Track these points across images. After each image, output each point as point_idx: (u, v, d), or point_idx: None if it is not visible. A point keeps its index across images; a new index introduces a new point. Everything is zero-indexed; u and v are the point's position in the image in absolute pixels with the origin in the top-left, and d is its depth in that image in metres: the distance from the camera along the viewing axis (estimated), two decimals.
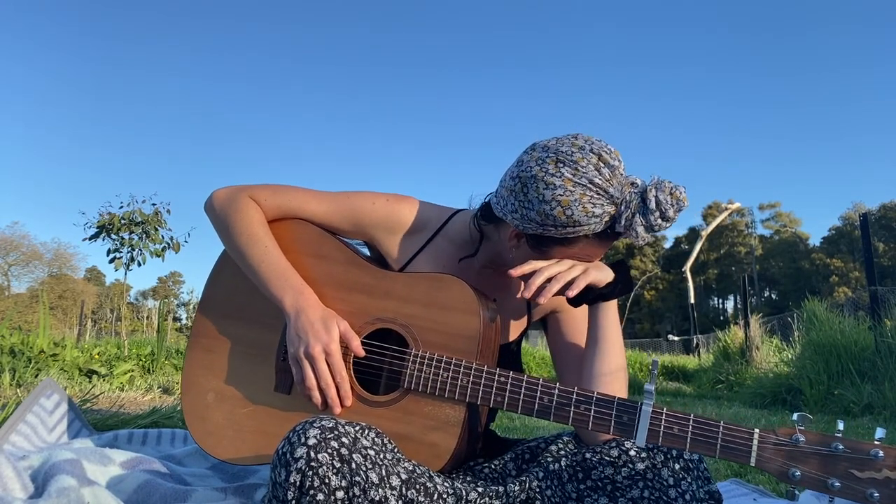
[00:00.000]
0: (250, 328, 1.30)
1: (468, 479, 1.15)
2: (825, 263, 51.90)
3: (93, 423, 1.93)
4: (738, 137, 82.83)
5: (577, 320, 1.30)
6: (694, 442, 0.98)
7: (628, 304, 27.19)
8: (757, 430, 0.96)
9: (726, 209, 20.99)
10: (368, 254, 1.36)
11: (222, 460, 1.23)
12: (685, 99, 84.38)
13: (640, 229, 1.04)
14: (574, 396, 1.05)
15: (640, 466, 1.01)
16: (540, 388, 1.08)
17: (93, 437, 1.62)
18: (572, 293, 1.07)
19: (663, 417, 0.99)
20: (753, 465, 0.95)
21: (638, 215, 1.04)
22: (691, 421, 0.99)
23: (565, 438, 1.15)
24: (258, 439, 1.21)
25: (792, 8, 77.18)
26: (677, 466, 1.01)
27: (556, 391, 1.07)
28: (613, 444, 1.05)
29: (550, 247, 1.11)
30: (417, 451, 1.09)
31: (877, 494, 0.89)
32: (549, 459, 1.09)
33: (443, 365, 1.13)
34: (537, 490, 1.05)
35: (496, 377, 1.10)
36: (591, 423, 1.04)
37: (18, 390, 3.35)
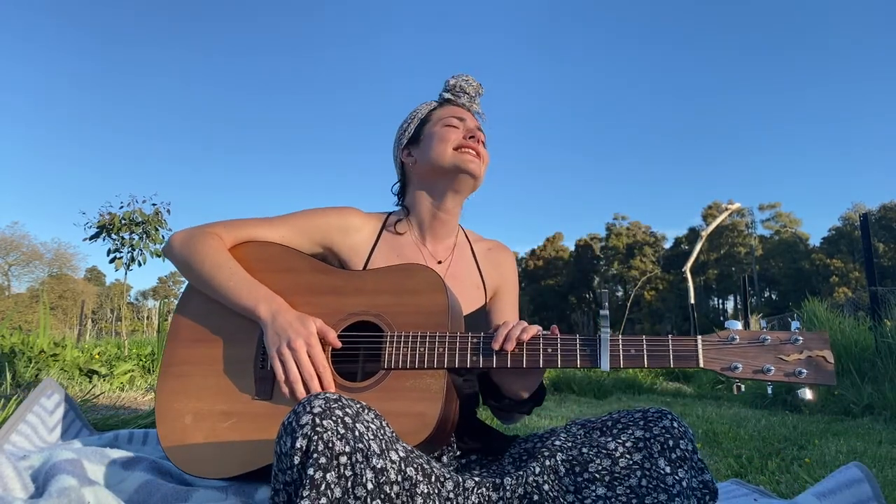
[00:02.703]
0: (222, 348, 1.32)
1: (464, 474, 1.16)
2: (825, 264, 51.88)
3: (93, 423, 1.93)
4: (737, 137, 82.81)
5: (505, 302, 1.51)
6: (651, 358, 1.11)
7: (628, 305, 27.17)
8: (699, 337, 1.11)
9: (726, 209, 20.99)
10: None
11: (210, 478, 1.24)
12: (685, 98, 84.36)
13: (447, 94, 1.49)
14: (541, 341, 1.16)
15: (637, 457, 1.04)
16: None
17: (93, 436, 1.62)
18: (525, 336, 1.19)
19: (620, 342, 1.13)
20: (702, 365, 1.09)
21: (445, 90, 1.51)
22: (644, 341, 1.12)
23: (563, 436, 1.15)
24: (243, 448, 1.22)
25: (792, 8, 77.15)
26: (674, 456, 1.04)
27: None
28: (610, 437, 1.08)
29: (421, 135, 1.44)
30: (406, 423, 1.13)
31: (804, 371, 1.06)
32: (546, 454, 1.10)
33: (418, 339, 1.19)
34: (534, 484, 1.05)
35: (469, 339, 1.18)
36: (559, 361, 1.15)
37: (18, 390, 3.35)
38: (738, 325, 1.11)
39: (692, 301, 19.51)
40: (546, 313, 57.81)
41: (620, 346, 1.11)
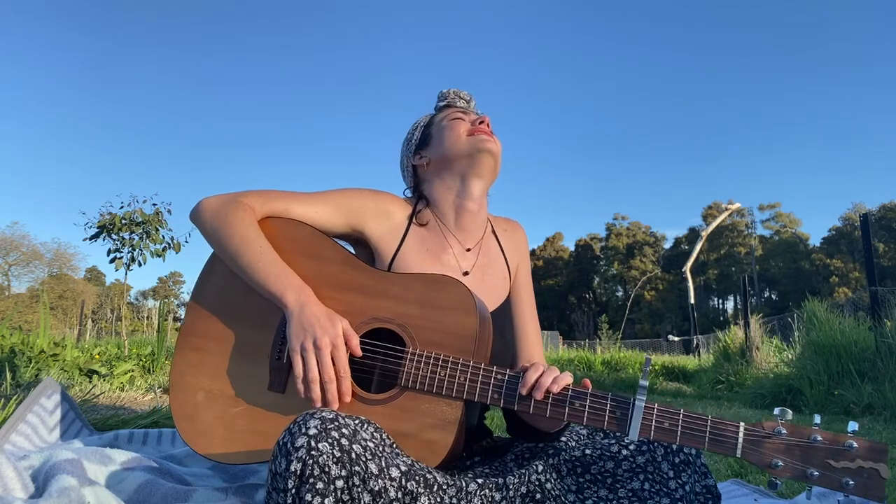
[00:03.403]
0: (242, 328, 1.29)
1: (469, 475, 1.16)
2: (825, 264, 51.88)
3: (93, 423, 1.93)
4: (738, 137, 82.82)
5: (521, 288, 1.49)
6: (684, 435, 1.01)
7: (628, 305, 27.16)
8: (742, 424, 1.01)
9: (726, 209, 20.99)
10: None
11: (212, 458, 1.22)
12: (685, 98, 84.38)
13: (443, 102, 1.49)
14: (569, 393, 1.07)
15: (641, 460, 1.04)
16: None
17: (93, 436, 1.62)
18: (555, 388, 1.10)
19: (655, 412, 1.03)
20: (739, 456, 0.99)
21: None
22: (681, 415, 1.03)
23: (566, 435, 1.15)
24: (251, 438, 1.20)
25: (792, 7, 77.17)
26: (677, 460, 1.04)
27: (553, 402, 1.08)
28: (613, 440, 1.08)
29: (430, 137, 1.43)
30: (414, 447, 1.10)
31: (851, 482, 0.95)
32: (550, 452, 1.10)
33: (440, 363, 1.14)
34: (536, 483, 1.05)
35: (493, 374, 1.12)
36: (585, 418, 1.06)
37: (18, 390, 3.34)
38: (789, 416, 1.01)
39: (692, 301, 19.52)
40: (546, 313, 57.78)
41: (654, 418, 1.03)
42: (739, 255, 56.75)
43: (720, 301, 59.94)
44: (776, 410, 1.01)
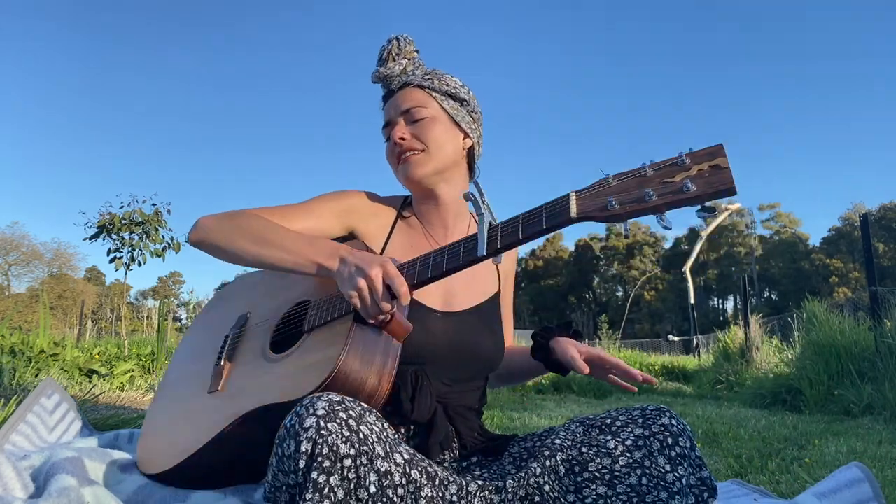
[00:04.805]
0: (197, 363, 1.41)
1: (466, 477, 1.16)
2: (825, 264, 51.89)
3: (93, 422, 1.93)
4: (737, 137, 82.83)
5: (506, 294, 1.46)
6: (525, 229, 0.99)
7: (628, 305, 27.16)
8: (572, 190, 0.98)
9: (726, 210, 20.98)
10: None
11: (158, 474, 1.24)
12: (685, 98, 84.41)
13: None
14: (447, 250, 1.09)
15: (638, 455, 1.04)
16: (419, 262, 1.11)
17: (93, 436, 1.62)
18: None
19: (499, 226, 1.03)
20: (575, 215, 0.94)
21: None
22: (520, 216, 1.01)
23: (562, 434, 1.15)
24: (188, 436, 1.23)
25: (792, 8, 77.19)
26: (673, 454, 1.03)
27: (432, 255, 1.10)
28: (609, 436, 1.07)
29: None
30: (313, 372, 1.07)
31: (692, 185, 0.87)
32: (546, 454, 1.10)
33: (335, 298, 1.16)
34: (535, 486, 1.05)
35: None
36: (461, 259, 1.05)
37: (18, 390, 3.34)
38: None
39: (692, 301, 19.51)
40: (546, 313, 57.78)
41: (499, 230, 1.02)
42: (739, 255, 56.75)
43: (720, 301, 59.96)
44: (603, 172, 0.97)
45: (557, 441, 1.13)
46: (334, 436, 0.89)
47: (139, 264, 7.94)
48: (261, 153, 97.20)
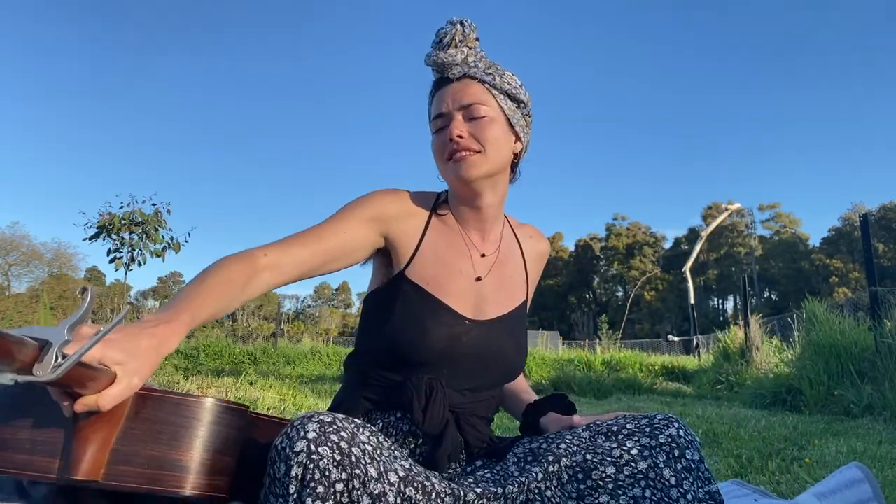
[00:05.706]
0: None
1: (469, 481, 1.15)
2: (825, 264, 51.91)
3: None
4: (737, 137, 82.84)
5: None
6: None
7: (628, 305, 27.16)
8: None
9: (726, 210, 20.98)
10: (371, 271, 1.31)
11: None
12: (685, 98, 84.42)
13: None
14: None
15: (643, 466, 1.02)
16: None
17: None
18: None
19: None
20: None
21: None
22: None
23: (568, 438, 1.14)
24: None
25: (792, 8, 77.19)
26: (679, 466, 1.01)
27: None
28: (615, 443, 1.05)
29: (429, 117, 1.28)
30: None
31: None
32: (550, 459, 1.09)
33: None
34: (536, 492, 1.04)
35: None
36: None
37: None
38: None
39: (692, 301, 19.51)
40: (546, 313, 57.81)
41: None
42: (739, 255, 56.78)
43: (720, 301, 59.98)
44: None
45: (563, 446, 1.11)
46: (325, 460, 0.88)
47: (139, 264, 7.94)
48: (261, 153, 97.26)
